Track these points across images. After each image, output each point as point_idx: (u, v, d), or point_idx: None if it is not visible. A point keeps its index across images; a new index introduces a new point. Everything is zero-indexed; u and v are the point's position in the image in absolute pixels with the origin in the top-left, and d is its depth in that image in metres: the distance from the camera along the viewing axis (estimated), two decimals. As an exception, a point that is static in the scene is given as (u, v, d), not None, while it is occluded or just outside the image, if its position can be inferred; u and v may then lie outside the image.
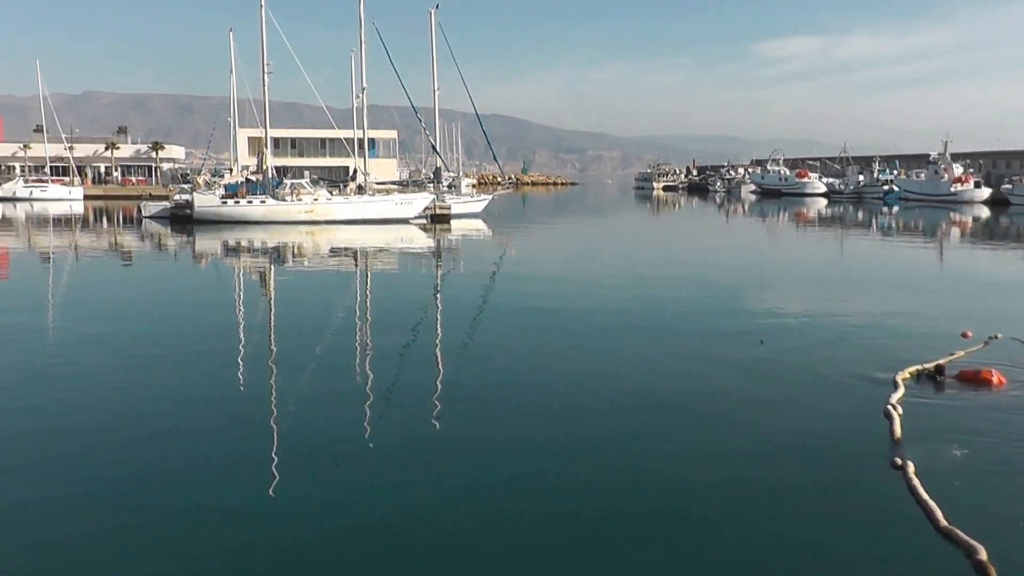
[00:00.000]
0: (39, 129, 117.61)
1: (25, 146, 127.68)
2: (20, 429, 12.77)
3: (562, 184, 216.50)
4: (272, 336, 20.58)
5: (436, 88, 71.03)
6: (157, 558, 8.69)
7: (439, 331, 21.21)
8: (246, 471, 10.98)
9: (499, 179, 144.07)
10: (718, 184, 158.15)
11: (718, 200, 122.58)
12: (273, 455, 11.50)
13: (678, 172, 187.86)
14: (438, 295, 28.70)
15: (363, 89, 69.09)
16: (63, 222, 69.51)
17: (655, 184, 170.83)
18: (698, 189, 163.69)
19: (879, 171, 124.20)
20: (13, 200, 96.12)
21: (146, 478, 10.75)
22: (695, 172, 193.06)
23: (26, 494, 10.26)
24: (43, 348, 19.04)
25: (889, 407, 13.22)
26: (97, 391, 14.91)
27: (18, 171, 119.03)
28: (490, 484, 10.56)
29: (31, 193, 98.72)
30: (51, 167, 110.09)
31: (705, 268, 36.29)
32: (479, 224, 62.94)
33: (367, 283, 31.77)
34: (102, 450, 11.87)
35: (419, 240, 51.61)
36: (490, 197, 76.51)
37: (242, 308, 25.72)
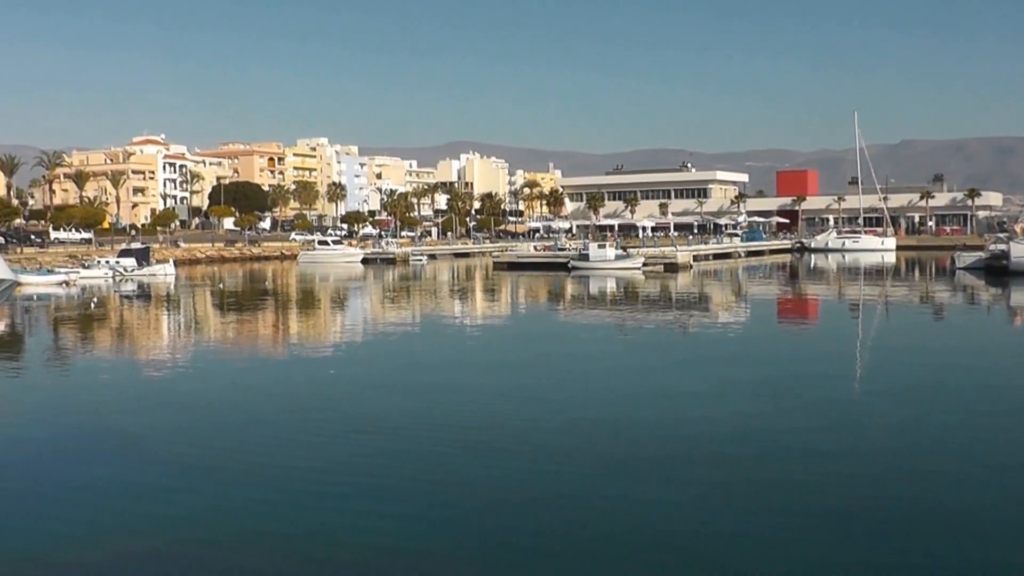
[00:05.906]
0: (853, 181, 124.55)
1: (839, 198, 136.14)
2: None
3: None
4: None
5: None
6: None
7: None
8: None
9: None
10: None
11: None
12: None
13: None
14: None
15: None
16: (875, 273, 72.69)
17: None
18: None
19: None
20: (825, 251, 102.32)
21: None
22: None
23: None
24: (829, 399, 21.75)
25: None
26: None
27: (831, 222, 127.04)
28: None
29: (843, 244, 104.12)
30: (864, 218, 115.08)
31: None
32: None
33: None
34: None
35: None
36: None
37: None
